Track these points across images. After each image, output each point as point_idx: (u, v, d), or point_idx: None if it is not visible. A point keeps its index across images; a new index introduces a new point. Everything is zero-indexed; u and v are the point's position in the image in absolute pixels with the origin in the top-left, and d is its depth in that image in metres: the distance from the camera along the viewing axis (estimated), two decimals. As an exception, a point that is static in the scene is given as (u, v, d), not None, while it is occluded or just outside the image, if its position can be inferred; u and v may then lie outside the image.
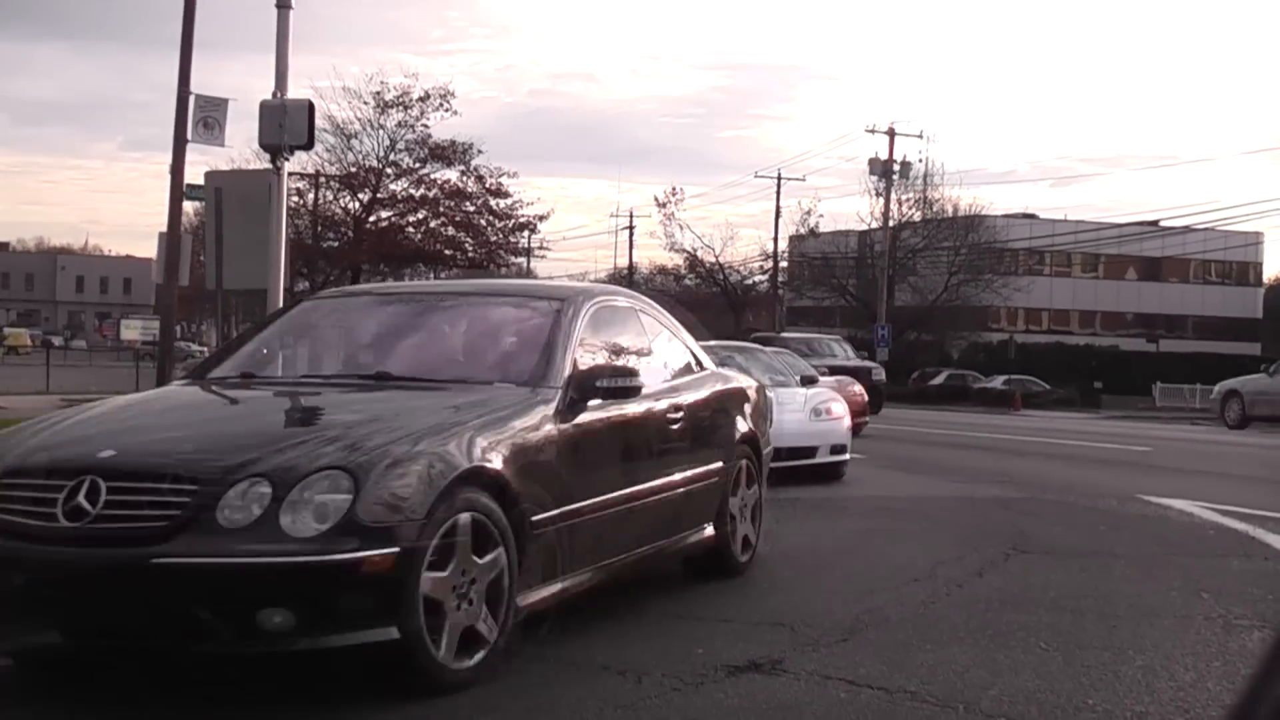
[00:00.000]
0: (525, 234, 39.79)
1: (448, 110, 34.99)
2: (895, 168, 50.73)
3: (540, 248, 51.69)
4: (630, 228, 67.93)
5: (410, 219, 36.22)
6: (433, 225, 36.07)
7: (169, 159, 18.17)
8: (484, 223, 36.24)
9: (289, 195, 14.78)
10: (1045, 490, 11.81)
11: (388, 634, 4.18)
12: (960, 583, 6.78)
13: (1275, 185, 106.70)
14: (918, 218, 56.67)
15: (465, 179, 35.71)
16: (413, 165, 35.73)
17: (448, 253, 36.09)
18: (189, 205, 23.26)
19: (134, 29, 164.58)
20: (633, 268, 67.43)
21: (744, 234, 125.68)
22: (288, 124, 11.02)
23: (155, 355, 26.04)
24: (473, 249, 36.02)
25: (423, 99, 34.65)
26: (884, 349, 42.72)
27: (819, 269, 59.47)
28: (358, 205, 36.09)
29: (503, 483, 4.70)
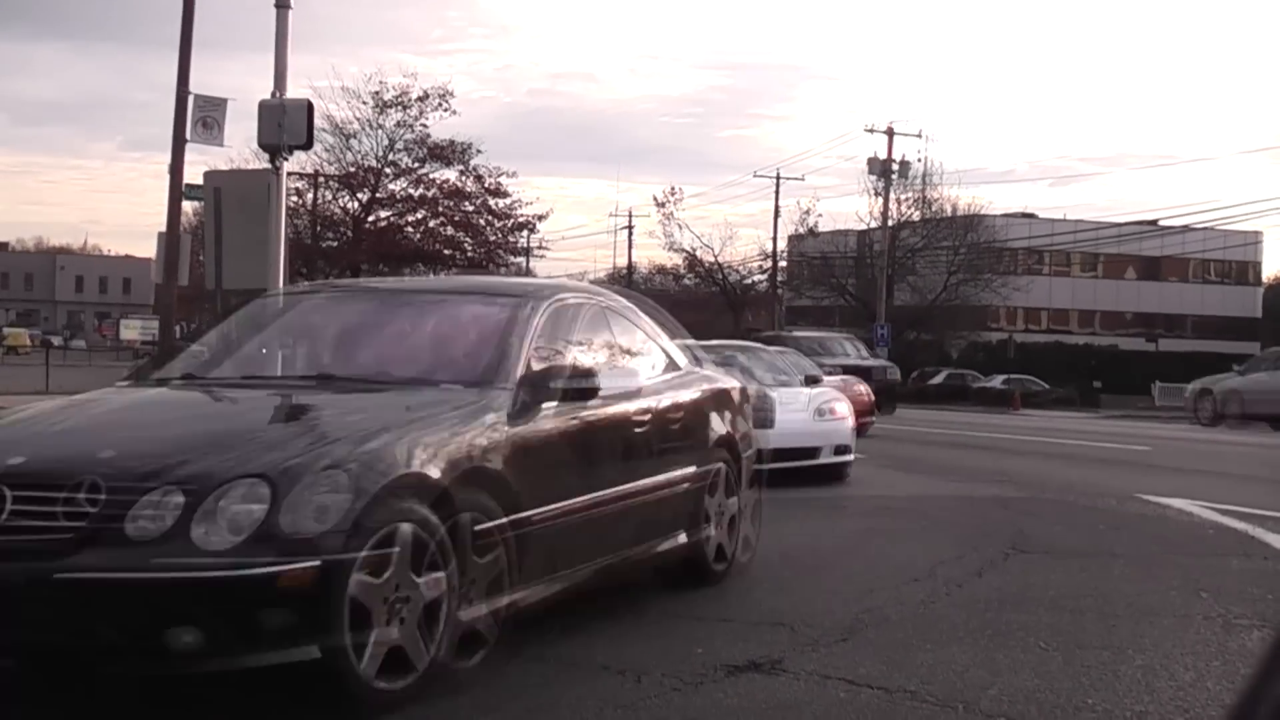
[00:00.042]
0: (524, 233, 39.95)
1: (447, 110, 35.14)
2: (894, 167, 50.70)
3: (539, 247, 51.91)
4: (629, 227, 68.05)
5: (409, 219, 36.32)
6: (432, 225, 36.17)
7: (168, 159, 18.25)
8: (483, 222, 36.34)
9: (288, 195, 14.77)
10: (1044, 490, 11.81)
11: (308, 653, 3.91)
12: (960, 582, 6.78)
13: (1274, 184, 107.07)
14: (917, 217, 56.66)
15: (464, 179, 35.84)
16: (412, 165, 35.86)
17: (447, 252, 36.15)
18: (188, 205, 23.32)
19: (134, 29, 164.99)
20: (632, 267, 67.51)
21: (743, 234, 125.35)
22: (287, 124, 11.01)
23: (155, 355, 26.03)
24: (472, 249, 36.10)
25: (421, 99, 34.76)
26: (883, 349, 42.67)
27: (818, 269, 59.48)
28: (357, 205, 36.19)
29: (442, 490, 4.40)
